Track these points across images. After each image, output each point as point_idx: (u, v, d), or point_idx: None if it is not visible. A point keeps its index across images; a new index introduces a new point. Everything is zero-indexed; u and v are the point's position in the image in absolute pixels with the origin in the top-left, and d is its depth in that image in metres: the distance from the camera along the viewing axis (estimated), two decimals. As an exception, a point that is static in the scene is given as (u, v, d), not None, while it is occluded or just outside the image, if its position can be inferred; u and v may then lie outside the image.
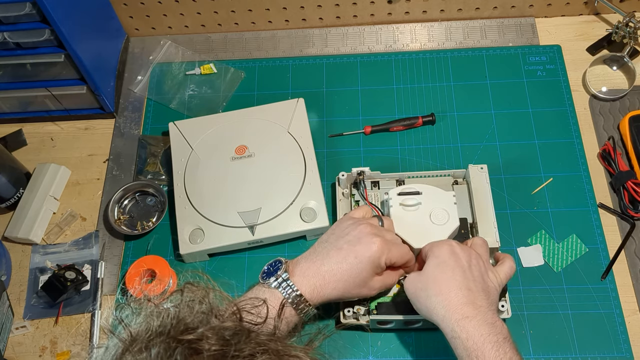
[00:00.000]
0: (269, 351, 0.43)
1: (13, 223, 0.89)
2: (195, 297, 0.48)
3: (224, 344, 0.42)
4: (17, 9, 0.79)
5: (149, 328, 0.44)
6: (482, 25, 1.03)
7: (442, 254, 0.65)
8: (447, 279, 0.63)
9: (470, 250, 0.67)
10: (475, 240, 0.71)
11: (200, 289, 0.49)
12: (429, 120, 0.93)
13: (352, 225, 0.69)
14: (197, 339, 0.42)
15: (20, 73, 0.90)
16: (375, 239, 0.67)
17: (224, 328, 0.44)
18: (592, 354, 0.76)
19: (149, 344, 0.41)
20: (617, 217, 0.85)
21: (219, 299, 0.49)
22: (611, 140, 0.89)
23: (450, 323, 0.59)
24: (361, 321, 0.75)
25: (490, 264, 0.69)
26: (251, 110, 0.92)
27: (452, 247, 0.66)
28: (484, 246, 0.70)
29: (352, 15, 1.03)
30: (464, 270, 0.63)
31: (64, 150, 0.97)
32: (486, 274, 0.66)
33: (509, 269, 0.69)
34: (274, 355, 0.42)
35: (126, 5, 1.00)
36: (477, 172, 0.82)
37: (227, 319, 0.46)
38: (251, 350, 0.42)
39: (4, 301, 0.82)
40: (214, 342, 0.42)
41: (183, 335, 0.42)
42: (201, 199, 0.84)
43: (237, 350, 0.41)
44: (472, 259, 0.65)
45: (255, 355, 0.42)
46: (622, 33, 0.94)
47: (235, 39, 1.05)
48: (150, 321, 0.44)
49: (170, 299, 0.48)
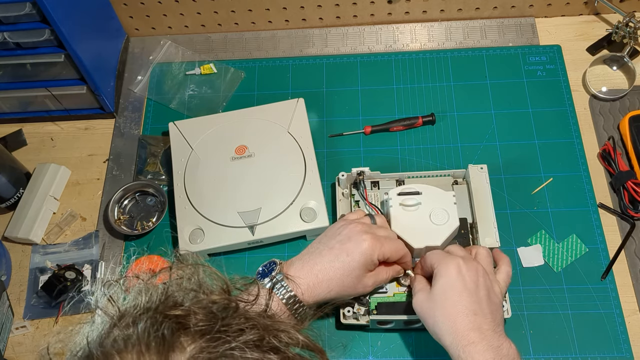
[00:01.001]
0: (257, 326, 0.42)
1: (13, 223, 0.89)
2: (184, 274, 0.48)
3: (211, 318, 0.42)
4: (17, 9, 0.79)
5: (137, 304, 0.44)
6: (482, 25, 1.03)
7: (449, 274, 0.65)
8: (453, 304, 0.63)
9: (477, 266, 0.66)
10: (480, 251, 0.71)
11: (189, 266, 0.49)
12: (429, 120, 0.93)
13: (343, 226, 0.71)
14: (185, 314, 0.42)
15: (20, 73, 0.90)
16: (366, 236, 0.68)
17: (212, 302, 0.44)
18: (592, 354, 0.76)
19: (136, 319, 0.41)
20: (617, 217, 0.85)
21: (208, 275, 0.49)
22: (611, 140, 0.89)
23: (457, 350, 0.60)
24: (361, 321, 0.75)
25: (494, 274, 0.69)
26: (251, 110, 0.92)
27: (459, 266, 0.65)
28: (488, 257, 0.70)
29: (352, 15, 1.03)
30: (471, 293, 0.63)
31: (64, 150, 0.97)
32: (492, 291, 0.66)
33: (507, 275, 0.70)
34: (263, 330, 0.42)
35: (126, 5, 1.00)
36: (477, 172, 0.82)
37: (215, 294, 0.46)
38: (239, 325, 0.42)
39: (4, 301, 0.82)
40: (202, 317, 0.42)
41: (171, 310, 0.42)
42: (201, 199, 0.84)
43: (225, 325, 0.41)
44: (480, 278, 0.65)
45: (243, 330, 0.42)
46: (622, 33, 0.94)
47: (235, 39, 1.05)
48: (138, 297, 0.44)
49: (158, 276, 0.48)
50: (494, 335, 0.61)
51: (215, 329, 0.41)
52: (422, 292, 0.67)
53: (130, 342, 0.39)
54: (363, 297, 0.74)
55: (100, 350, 0.40)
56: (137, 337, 0.40)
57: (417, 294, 0.67)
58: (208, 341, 0.40)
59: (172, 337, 0.39)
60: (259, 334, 0.42)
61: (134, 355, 0.38)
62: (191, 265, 0.49)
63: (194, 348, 0.39)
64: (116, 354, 0.39)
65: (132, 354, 0.39)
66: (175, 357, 0.38)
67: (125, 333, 0.40)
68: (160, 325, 0.40)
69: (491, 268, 0.69)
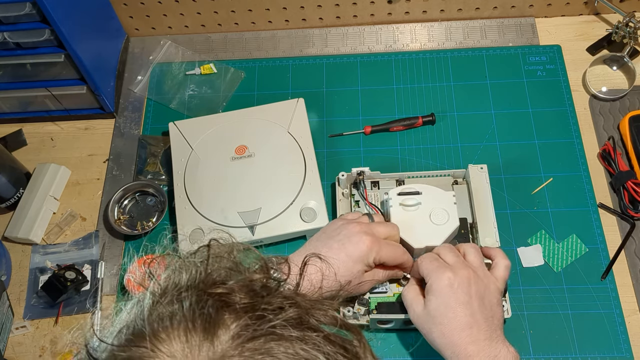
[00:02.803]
0: (297, 304, 0.43)
1: (13, 223, 0.89)
2: (221, 252, 0.48)
3: (253, 296, 0.42)
4: (17, 9, 0.79)
5: (178, 282, 0.43)
6: (482, 25, 1.03)
7: (441, 291, 0.64)
8: (449, 321, 0.63)
9: (467, 274, 0.66)
10: (468, 250, 0.70)
11: (226, 245, 0.49)
12: (429, 120, 0.93)
13: (343, 225, 0.71)
14: (227, 292, 0.41)
15: (20, 73, 0.90)
16: (365, 237, 0.68)
17: (252, 281, 0.44)
18: (592, 354, 0.76)
19: (179, 296, 0.41)
20: (617, 217, 0.85)
21: (244, 254, 0.49)
22: (611, 140, 0.89)
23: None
24: (361, 321, 0.75)
25: (487, 269, 0.69)
26: (251, 110, 0.92)
27: (450, 280, 0.65)
28: (478, 255, 0.70)
29: (352, 15, 1.03)
30: (465, 307, 0.63)
31: (64, 150, 0.97)
32: (487, 294, 0.66)
33: (505, 269, 0.70)
34: (302, 309, 0.43)
35: (126, 5, 1.00)
36: (477, 172, 0.82)
37: (254, 272, 0.46)
38: (280, 303, 0.42)
39: (4, 301, 0.82)
40: (244, 295, 0.42)
41: (213, 288, 0.42)
42: (201, 199, 0.84)
43: (266, 303, 0.41)
44: (472, 286, 0.65)
45: (284, 307, 0.42)
46: (622, 33, 0.94)
47: (235, 39, 1.05)
48: (178, 275, 0.44)
49: (197, 254, 0.47)
50: (491, 345, 0.62)
51: (257, 307, 0.41)
52: (416, 304, 0.67)
53: (175, 319, 0.39)
54: (363, 297, 0.74)
55: (148, 326, 0.39)
56: (183, 314, 0.39)
57: (411, 306, 0.68)
58: (251, 319, 0.40)
59: (217, 314, 0.39)
60: (298, 312, 0.42)
61: (181, 331, 0.38)
62: (228, 244, 0.49)
63: (237, 326, 0.39)
64: (162, 331, 0.39)
65: (179, 331, 0.38)
66: (221, 333, 0.38)
67: (170, 310, 0.40)
68: (205, 303, 0.40)
69: (483, 265, 0.69)
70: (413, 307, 0.67)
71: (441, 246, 0.72)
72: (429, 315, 0.65)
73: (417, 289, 0.69)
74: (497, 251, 0.72)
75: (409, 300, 0.68)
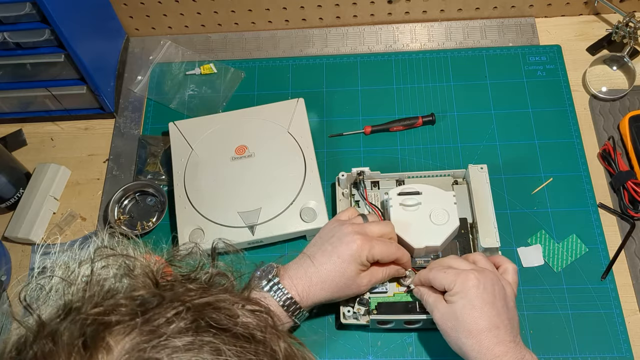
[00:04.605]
0: (191, 309, 0.39)
1: (13, 223, 0.89)
2: (110, 263, 0.43)
3: (139, 311, 0.38)
4: (17, 9, 0.79)
5: (58, 308, 0.39)
6: (482, 25, 1.03)
7: (468, 291, 0.64)
8: (475, 320, 0.63)
9: (491, 274, 0.66)
10: (477, 257, 0.70)
11: (117, 252, 0.45)
12: (429, 120, 0.93)
13: (336, 227, 0.72)
14: (107, 311, 0.37)
15: (20, 73, 0.90)
16: (356, 237, 0.69)
17: (137, 293, 0.40)
18: (592, 354, 0.76)
19: (58, 328, 0.37)
20: (617, 217, 0.85)
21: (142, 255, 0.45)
22: (611, 140, 0.89)
23: None
24: (361, 321, 0.75)
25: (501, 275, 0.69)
26: (251, 110, 0.92)
27: (477, 280, 0.64)
28: (488, 262, 0.70)
29: (352, 15, 1.03)
30: (491, 307, 0.63)
31: (64, 150, 0.97)
32: (506, 296, 0.66)
33: (515, 273, 0.70)
34: (197, 312, 0.39)
35: (126, 5, 1.00)
36: (477, 172, 0.82)
37: (140, 285, 0.42)
38: (171, 312, 0.38)
39: (3, 301, 0.82)
40: (127, 311, 0.38)
41: (92, 309, 0.38)
42: (201, 199, 0.84)
43: (155, 315, 0.38)
44: (495, 287, 0.65)
45: (176, 316, 0.38)
46: (622, 33, 0.94)
47: (235, 39, 1.05)
48: (59, 300, 0.40)
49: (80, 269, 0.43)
50: (517, 347, 0.62)
51: (143, 323, 0.37)
52: (440, 305, 0.67)
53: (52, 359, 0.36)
54: (363, 297, 0.74)
55: None
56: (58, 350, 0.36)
57: (436, 307, 0.67)
58: (141, 335, 0.36)
59: (96, 340, 0.36)
60: (193, 317, 0.38)
61: None
62: (119, 251, 0.45)
63: (123, 347, 0.36)
64: None
65: None
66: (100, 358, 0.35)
67: (46, 350, 0.36)
68: (81, 329, 0.37)
69: (496, 270, 0.69)
70: (438, 308, 0.67)
71: (449, 257, 0.72)
72: (455, 315, 0.64)
73: (436, 292, 0.69)
74: (501, 257, 0.73)
75: (432, 303, 0.68)
